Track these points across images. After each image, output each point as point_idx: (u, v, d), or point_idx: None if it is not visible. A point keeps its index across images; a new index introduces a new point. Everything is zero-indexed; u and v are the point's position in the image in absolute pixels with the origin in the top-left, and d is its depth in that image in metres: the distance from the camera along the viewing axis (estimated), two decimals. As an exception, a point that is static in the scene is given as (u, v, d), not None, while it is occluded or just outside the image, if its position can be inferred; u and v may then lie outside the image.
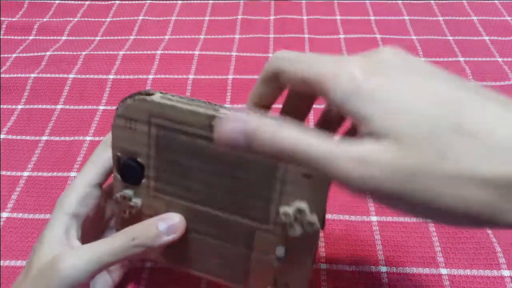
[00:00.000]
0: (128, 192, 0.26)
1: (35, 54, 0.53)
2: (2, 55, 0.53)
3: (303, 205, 0.22)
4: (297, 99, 0.23)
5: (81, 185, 0.26)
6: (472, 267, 0.32)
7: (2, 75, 0.49)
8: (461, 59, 0.51)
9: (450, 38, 0.55)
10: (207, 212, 0.25)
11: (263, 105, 0.23)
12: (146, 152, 0.24)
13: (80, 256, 0.23)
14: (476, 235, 0.34)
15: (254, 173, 0.23)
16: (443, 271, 0.32)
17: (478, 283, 0.31)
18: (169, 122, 0.23)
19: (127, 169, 0.25)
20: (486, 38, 0.55)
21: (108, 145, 0.26)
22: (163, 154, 0.24)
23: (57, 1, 0.63)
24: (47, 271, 0.22)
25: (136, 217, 0.26)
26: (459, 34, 0.55)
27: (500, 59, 0.51)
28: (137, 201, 0.26)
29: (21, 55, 0.53)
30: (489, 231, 0.34)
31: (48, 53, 0.52)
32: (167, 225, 0.24)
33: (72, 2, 0.63)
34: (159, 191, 0.25)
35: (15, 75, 0.49)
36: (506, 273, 0.32)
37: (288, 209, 0.22)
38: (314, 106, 0.44)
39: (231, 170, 0.23)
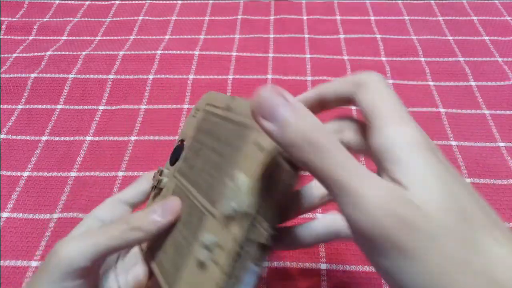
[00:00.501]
0: (164, 169, 0.28)
1: (35, 54, 0.53)
2: (2, 55, 0.53)
3: (241, 174, 0.19)
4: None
5: (114, 199, 0.27)
6: (472, 267, 0.32)
7: (2, 75, 0.49)
8: (461, 59, 0.51)
9: (450, 38, 0.55)
10: (190, 191, 0.24)
11: (321, 103, 0.21)
12: (190, 134, 0.27)
13: (78, 241, 0.23)
14: (476, 235, 0.34)
15: (232, 147, 0.21)
16: (443, 271, 0.32)
17: (478, 283, 0.31)
18: (210, 106, 0.26)
19: (176, 150, 0.28)
20: (486, 38, 0.55)
21: (147, 179, 0.29)
22: (197, 134, 0.26)
23: (57, 1, 0.63)
24: (49, 257, 0.23)
25: (156, 197, 0.28)
26: (459, 34, 0.55)
27: (500, 59, 0.51)
28: (163, 179, 0.27)
29: (21, 55, 0.53)
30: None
31: (48, 53, 0.52)
32: (161, 208, 0.24)
33: (72, 2, 0.63)
34: (179, 171, 0.27)
35: (15, 75, 0.49)
36: (506, 273, 0.32)
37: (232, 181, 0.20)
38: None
39: (222, 146, 0.22)
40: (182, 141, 0.28)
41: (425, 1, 0.62)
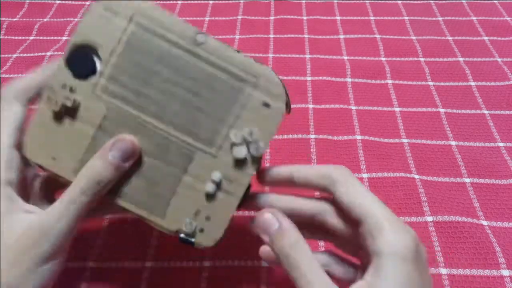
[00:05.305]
0: (73, 83, 0.24)
1: (36, 54, 0.53)
2: (2, 56, 0.53)
3: (255, 129, 0.24)
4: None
5: (3, 150, 0.23)
6: (472, 266, 0.32)
7: (3, 75, 0.49)
8: (461, 59, 0.51)
9: (450, 38, 0.55)
10: (152, 124, 0.24)
11: (290, 182, 0.25)
12: (112, 47, 0.23)
13: (53, 214, 0.22)
14: (476, 235, 0.34)
15: (219, 93, 0.24)
16: (443, 270, 0.32)
17: (478, 282, 0.31)
18: (154, 25, 0.23)
19: (81, 59, 0.24)
20: (486, 38, 0.55)
21: (8, 101, 0.24)
22: (131, 53, 0.23)
23: (58, 1, 0.63)
24: (32, 238, 0.21)
25: (69, 114, 0.24)
26: (458, 34, 0.55)
27: (499, 59, 0.51)
28: (77, 97, 0.24)
29: (21, 55, 0.53)
30: (489, 231, 0.34)
31: (48, 53, 0.52)
32: (119, 151, 0.23)
33: (73, 2, 0.63)
34: (106, 92, 0.24)
35: (15, 75, 0.49)
36: (505, 272, 0.32)
37: (239, 131, 0.24)
38: (313, 106, 0.44)
39: (197, 86, 0.24)
40: (88, 47, 0.24)
41: (425, 1, 0.62)
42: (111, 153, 0.23)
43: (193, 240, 0.25)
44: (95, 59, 0.24)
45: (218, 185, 0.24)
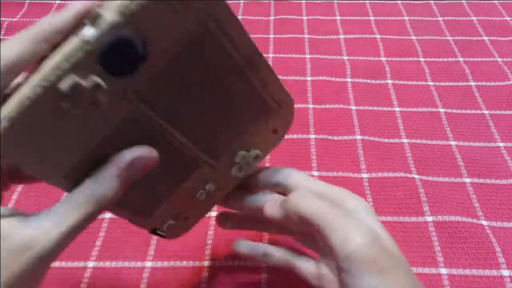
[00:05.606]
0: (102, 80, 0.17)
1: (36, 54, 0.53)
2: (2, 55, 0.53)
3: (260, 153, 0.25)
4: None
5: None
6: (472, 266, 0.32)
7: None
8: (461, 59, 0.52)
9: (450, 38, 0.55)
10: (174, 136, 0.22)
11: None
12: (165, 45, 0.18)
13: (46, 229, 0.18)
14: (476, 235, 0.34)
15: (246, 116, 0.24)
16: (443, 270, 0.32)
17: (478, 282, 0.31)
18: (222, 35, 0.19)
19: (123, 51, 0.17)
20: (486, 38, 0.55)
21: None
22: (185, 59, 0.19)
23: (58, 1, 0.63)
24: (30, 265, 0.18)
25: (86, 119, 0.18)
26: (458, 34, 0.56)
27: (499, 59, 0.51)
28: (102, 98, 0.18)
29: (21, 55, 0.53)
30: (489, 231, 0.34)
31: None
32: (139, 171, 0.20)
33: (73, 2, 0.63)
34: (138, 95, 0.19)
35: (15, 75, 0.49)
36: (505, 272, 0.32)
37: (247, 154, 0.25)
38: (313, 106, 0.44)
39: (232, 107, 0.23)
40: (136, 36, 0.17)
41: (425, 1, 0.62)
42: (130, 172, 0.20)
43: (165, 235, 0.26)
44: (144, 55, 0.18)
45: (208, 193, 0.25)
